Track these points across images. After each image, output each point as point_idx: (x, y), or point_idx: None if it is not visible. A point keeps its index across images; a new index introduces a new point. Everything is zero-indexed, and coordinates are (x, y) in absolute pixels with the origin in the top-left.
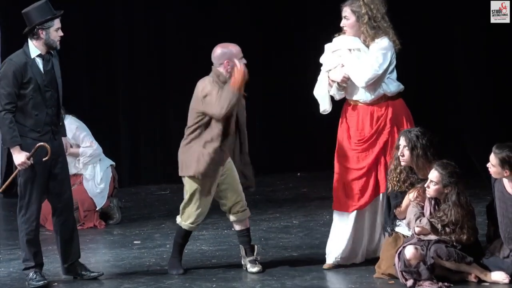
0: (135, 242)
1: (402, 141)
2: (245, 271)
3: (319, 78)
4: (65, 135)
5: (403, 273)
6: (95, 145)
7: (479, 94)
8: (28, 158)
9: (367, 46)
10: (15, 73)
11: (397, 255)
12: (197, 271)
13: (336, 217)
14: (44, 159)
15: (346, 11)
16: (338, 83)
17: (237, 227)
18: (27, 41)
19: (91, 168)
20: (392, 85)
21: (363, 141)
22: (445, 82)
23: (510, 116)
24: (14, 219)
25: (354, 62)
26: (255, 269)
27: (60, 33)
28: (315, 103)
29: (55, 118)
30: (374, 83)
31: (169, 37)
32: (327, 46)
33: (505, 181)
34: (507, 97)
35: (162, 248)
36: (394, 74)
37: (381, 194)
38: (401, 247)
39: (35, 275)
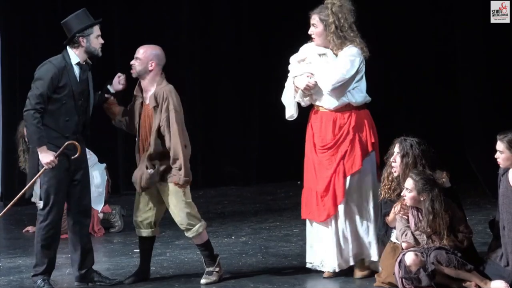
0: (135, 250)
1: (396, 148)
2: (246, 279)
3: (286, 84)
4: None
5: (403, 280)
6: (92, 155)
7: (479, 94)
8: (56, 157)
9: (335, 55)
10: (53, 76)
11: (397, 263)
12: (197, 279)
13: (312, 225)
14: (73, 157)
15: (315, 19)
16: (302, 90)
17: None
18: (66, 49)
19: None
20: (358, 96)
21: (326, 147)
22: (445, 82)
23: (510, 117)
24: (15, 228)
25: (322, 66)
26: (202, 281)
27: (101, 40)
28: None
29: (81, 127)
30: (340, 89)
31: (169, 37)
32: (292, 58)
33: (510, 175)
34: (507, 98)
35: (162, 257)
36: (363, 84)
37: (343, 203)
38: (401, 254)
39: (43, 283)
